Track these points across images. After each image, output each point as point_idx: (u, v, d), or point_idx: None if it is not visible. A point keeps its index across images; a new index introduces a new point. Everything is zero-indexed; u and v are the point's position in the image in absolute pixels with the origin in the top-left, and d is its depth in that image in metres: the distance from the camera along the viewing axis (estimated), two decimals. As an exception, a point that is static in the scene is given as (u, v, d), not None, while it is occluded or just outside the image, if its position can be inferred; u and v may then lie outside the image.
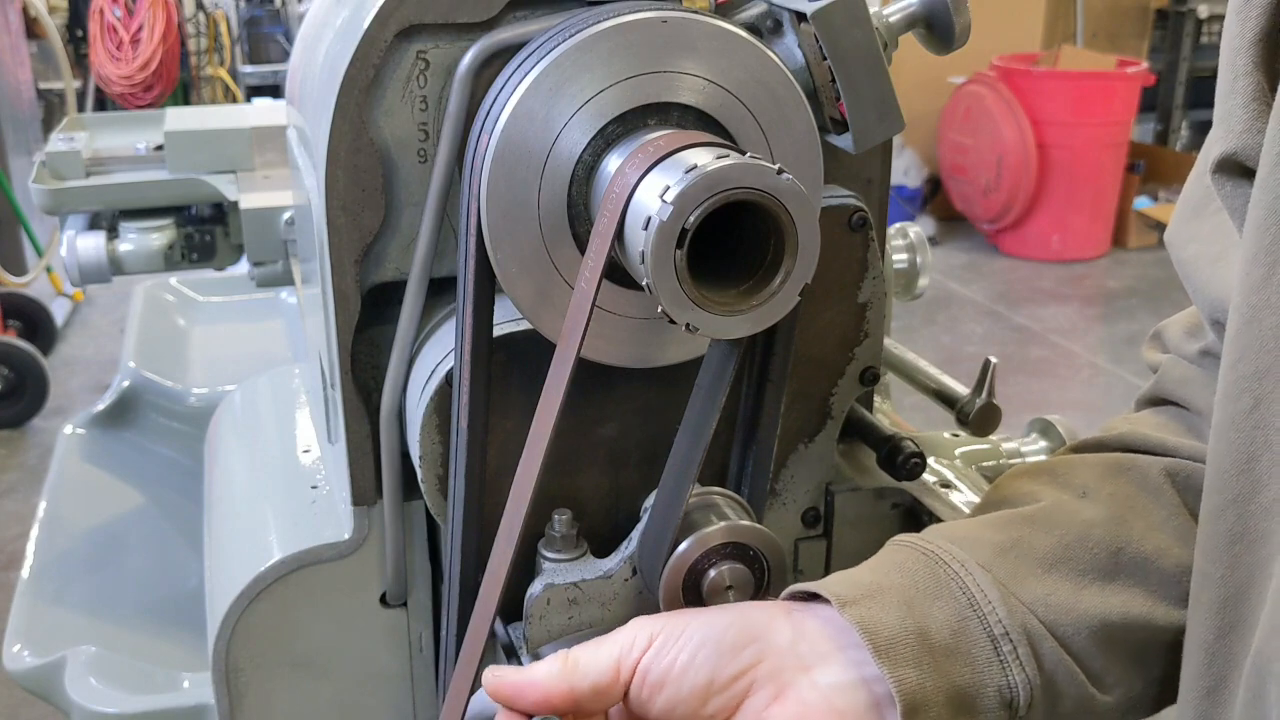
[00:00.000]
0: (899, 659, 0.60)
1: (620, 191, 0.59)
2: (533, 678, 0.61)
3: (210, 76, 6.32)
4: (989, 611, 0.63)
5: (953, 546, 0.66)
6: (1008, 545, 0.66)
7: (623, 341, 0.70)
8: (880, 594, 0.62)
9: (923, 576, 0.64)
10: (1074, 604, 0.65)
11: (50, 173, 1.52)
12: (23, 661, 1.13)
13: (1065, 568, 0.66)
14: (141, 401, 1.65)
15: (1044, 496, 0.70)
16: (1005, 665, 0.62)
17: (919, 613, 0.62)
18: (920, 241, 1.04)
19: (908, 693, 0.59)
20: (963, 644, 0.62)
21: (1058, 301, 4.90)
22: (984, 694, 0.62)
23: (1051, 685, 0.63)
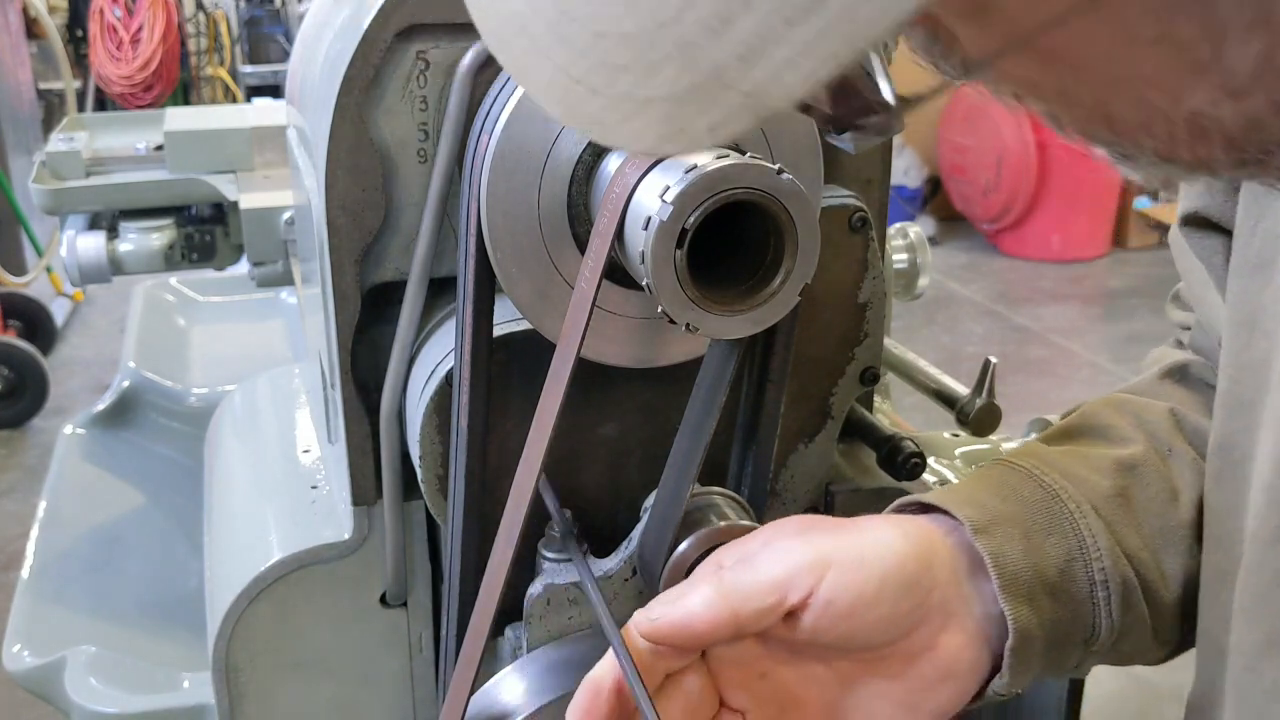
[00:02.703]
0: (1017, 594, 0.60)
1: (620, 191, 0.59)
2: (692, 610, 0.56)
3: (210, 76, 6.32)
4: (1095, 557, 0.63)
5: (1068, 484, 0.66)
6: (1114, 493, 0.67)
7: (623, 341, 0.70)
8: (1003, 523, 0.62)
9: (1039, 509, 0.64)
10: (1159, 560, 0.66)
11: (50, 173, 1.52)
12: (23, 661, 1.13)
13: (1157, 524, 0.67)
14: (141, 401, 1.65)
15: (1136, 441, 0.70)
16: (1097, 609, 0.63)
17: (1035, 547, 0.62)
18: (920, 241, 1.04)
19: (1020, 629, 0.59)
20: (1065, 583, 0.62)
21: (1058, 301, 4.90)
22: (1074, 632, 0.63)
23: (1124, 632, 0.64)
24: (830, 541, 0.59)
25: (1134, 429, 0.71)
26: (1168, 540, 0.67)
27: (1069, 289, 5.05)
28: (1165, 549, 0.67)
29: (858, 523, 0.61)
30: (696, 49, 0.29)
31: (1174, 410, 0.73)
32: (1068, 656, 0.64)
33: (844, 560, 0.58)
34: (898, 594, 0.58)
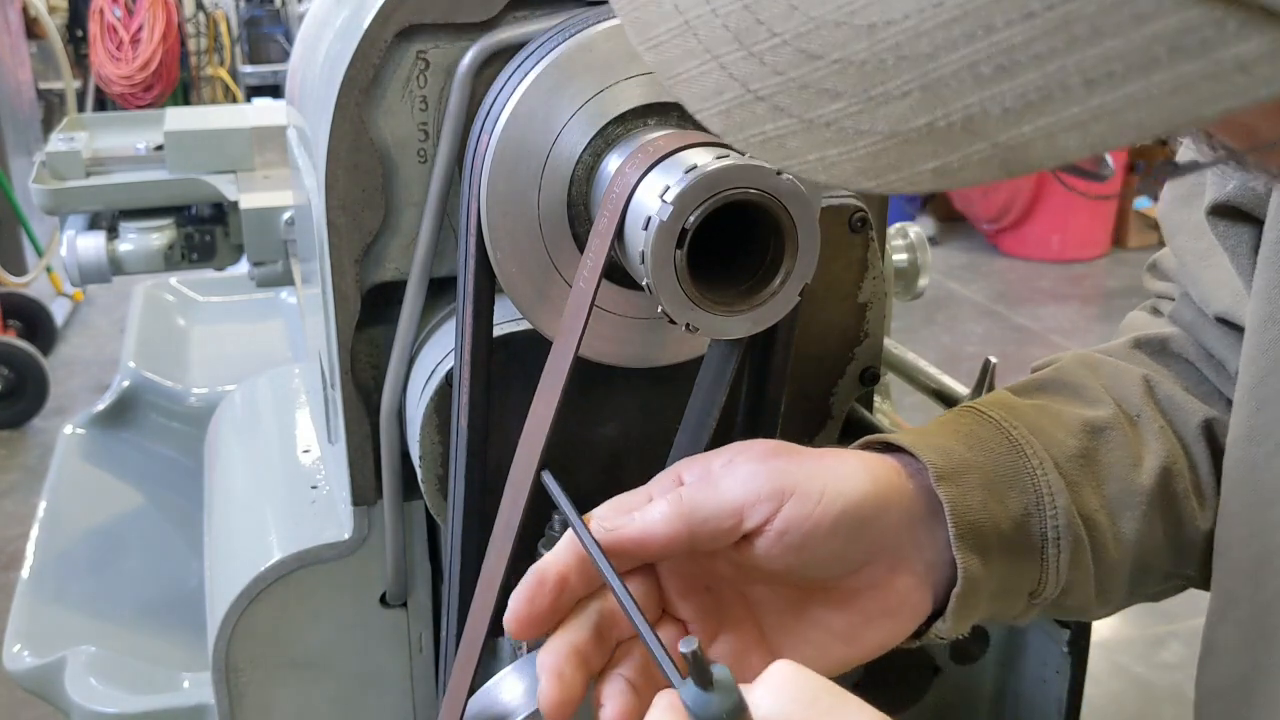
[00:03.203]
0: (971, 545, 0.60)
1: (620, 191, 0.59)
2: (649, 527, 0.56)
3: (210, 76, 6.32)
4: (1050, 514, 0.63)
5: (1034, 439, 0.66)
6: (1078, 453, 0.67)
7: (623, 341, 0.70)
8: (967, 472, 0.62)
9: (1003, 462, 0.64)
10: (1114, 522, 0.66)
11: (50, 173, 1.52)
12: (23, 661, 1.13)
13: (1117, 486, 0.67)
14: (141, 401, 1.65)
15: (1106, 404, 0.70)
16: (1045, 565, 0.63)
17: (995, 498, 0.62)
18: (920, 241, 1.04)
19: (969, 577, 0.60)
20: (1019, 537, 0.63)
21: (1057, 301, 4.90)
22: (1021, 584, 0.63)
23: (1069, 588, 0.65)
24: (794, 470, 0.58)
25: (1105, 391, 0.71)
26: (1126, 504, 0.67)
27: (1069, 289, 5.05)
28: (1122, 512, 0.67)
29: (823, 453, 0.60)
30: (949, 91, 0.27)
31: (1147, 377, 0.73)
32: (1011, 606, 0.64)
33: (805, 492, 0.57)
34: (851, 532, 0.58)
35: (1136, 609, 0.78)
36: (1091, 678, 0.87)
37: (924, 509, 0.61)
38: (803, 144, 0.31)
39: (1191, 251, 0.74)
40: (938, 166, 0.30)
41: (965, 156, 0.29)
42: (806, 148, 0.31)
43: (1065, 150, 0.28)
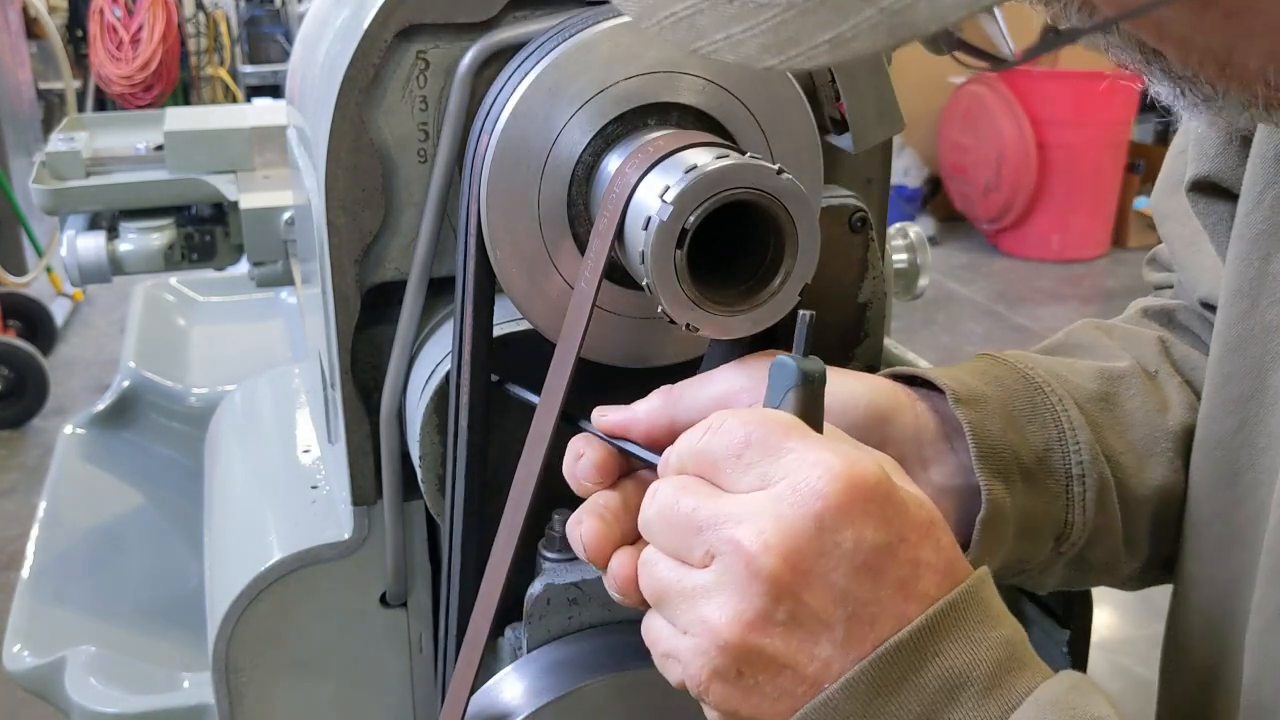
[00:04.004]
0: (995, 470, 0.60)
1: (620, 191, 0.59)
2: (636, 414, 0.60)
3: (210, 76, 6.32)
4: (1074, 449, 0.63)
5: (1052, 379, 0.66)
6: (1098, 396, 0.67)
7: (623, 341, 0.70)
8: (985, 401, 0.62)
9: (1021, 396, 0.64)
10: (1140, 467, 0.66)
11: (50, 173, 1.52)
12: (23, 661, 1.13)
13: (1140, 432, 0.67)
14: (141, 401, 1.65)
15: (1123, 359, 0.70)
16: (1071, 504, 0.63)
17: (1015, 428, 0.62)
18: (920, 241, 1.04)
19: (994, 504, 0.60)
20: (1042, 472, 0.63)
21: (1057, 301, 4.90)
22: (1045, 522, 0.63)
23: (1097, 534, 0.65)
24: None
25: (1121, 349, 0.72)
26: (1151, 449, 0.67)
27: (1069, 289, 5.05)
28: (1149, 457, 0.67)
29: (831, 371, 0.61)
30: None
31: (1162, 338, 0.74)
32: (1037, 550, 0.64)
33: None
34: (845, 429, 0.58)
35: (1136, 608, 0.78)
36: (1092, 678, 0.87)
37: (935, 428, 0.61)
38: (710, 22, 0.33)
39: (1178, 238, 0.74)
40: (833, 37, 0.31)
41: (856, 25, 0.30)
42: (714, 26, 0.33)
43: (945, 10, 0.29)
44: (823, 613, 0.48)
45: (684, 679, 0.50)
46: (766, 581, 0.47)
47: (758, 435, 0.50)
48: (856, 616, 0.48)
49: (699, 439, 0.52)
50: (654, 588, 0.52)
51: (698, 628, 0.49)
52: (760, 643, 0.48)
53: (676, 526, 0.51)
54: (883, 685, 0.47)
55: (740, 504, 0.49)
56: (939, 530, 0.50)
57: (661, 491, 0.52)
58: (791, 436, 0.50)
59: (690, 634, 0.50)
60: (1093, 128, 5.17)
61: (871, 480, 0.49)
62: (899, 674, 0.47)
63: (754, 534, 0.48)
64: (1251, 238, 0.60)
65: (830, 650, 0.48)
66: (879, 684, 0.47)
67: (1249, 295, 0.60)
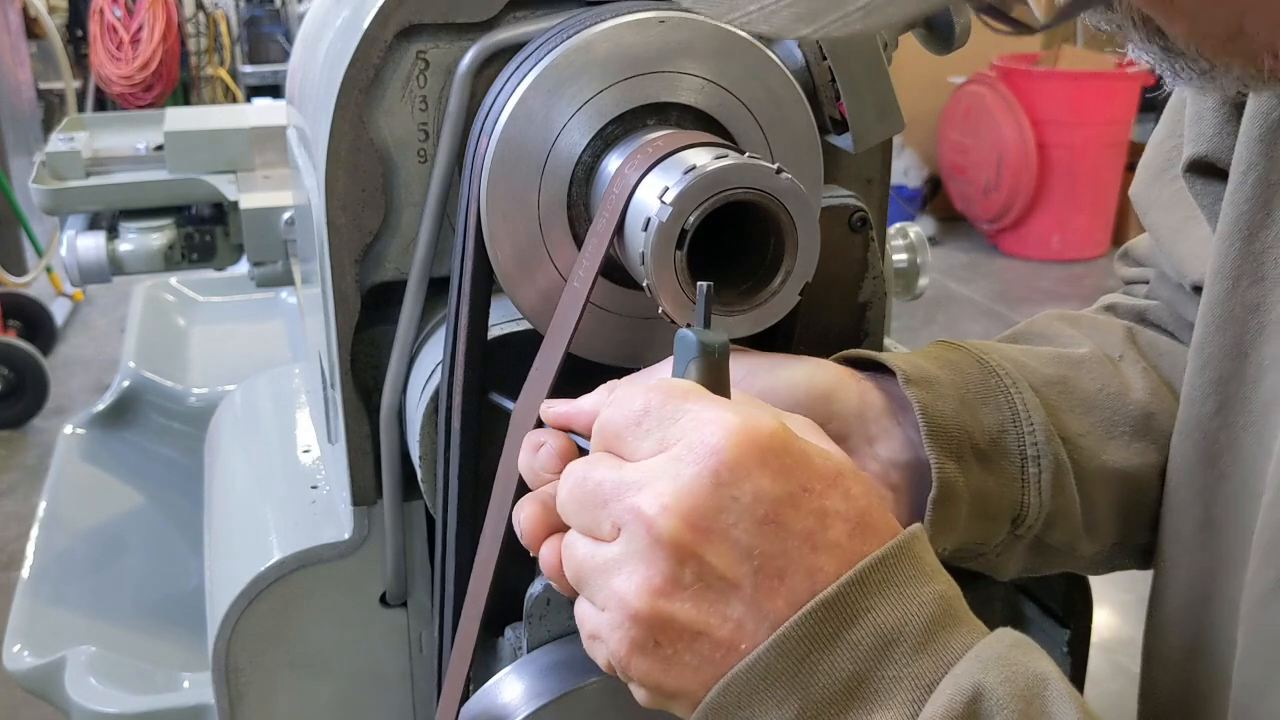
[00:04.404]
0: (946, 449, 0.60)
1: (620, 192, 0.59)
2: (581, 406, 0.59)
3: (210, 76, 6.32)
4: (1028, 431, 0.64)
5: (1006, 362, 0.66)
6: (1055, 380, 0.67)
7: (623, 341, 0.70)
8: (938, 383, 0.62)
9: (975, 379, 0.64)
10: (1100, 450, 0.66)
11: (50, 173, 1.52)
12: (23, 661, 1.13)
13: (1100, 414, 0.67)
14: (141, 401, 1.65)
15: (1084, 345, 0.71)
16: (1026, 485, 0.63)
17: (968, 410, 0.63)
18: (920, 241, 1.04)
19: (945, 483, 0.60)
20: (996, 453, 0.63)
21: (1058, 301, 4.90)
22: (1001, 505, 0.63)
23: (1054, 517, 0.65)
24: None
25: (1083, 337, 0.72)
26: (1110, 431, 0.67)
27: (1069, 289, 5.05)
28: (1108, 439, 0.67)
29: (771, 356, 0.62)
30: None
31: (1129, 327, 0.74)
32: (993, 532, 0.64)
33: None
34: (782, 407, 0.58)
35: (1136, 608, 0.78)
36: (1091, 678, 0.87)
37: (881, 405, 0.61)
38: None
39: (1166, 225, 0.74)
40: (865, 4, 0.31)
41: None
42: None
43: None
44: (729, 571, 0.47)
45: (608, 658, 0.50)
46: (668, 545, 0.47)
47: (655, 401, 0.50)
48: (763, 571, 0.47)
49: (602, 412, 0.53)
50: (573, 568, 0.52)
51: (612, 602, 0.49)
52: (671, 609, 0.47)
53: (586, 503, 0.51)
54: (814, 642, 0.46)
55: (640, 470, 0.49)
56: (848, 480, 0.49)
57: (572, 470, 0.52)
58: (689, 399, 0.50)
59: (607, 609, 0.49)
60: (1093, 128, 5.17)
61: (766, 432, 0.48)
62: (830, 630, 0.46)
63: (652, 498, 0.48)
64: (1234, 218, 0.60)
65: (741, 609, 0.47)
66: (810, 641, 0.46)
67: (1230, 275, 0.60)
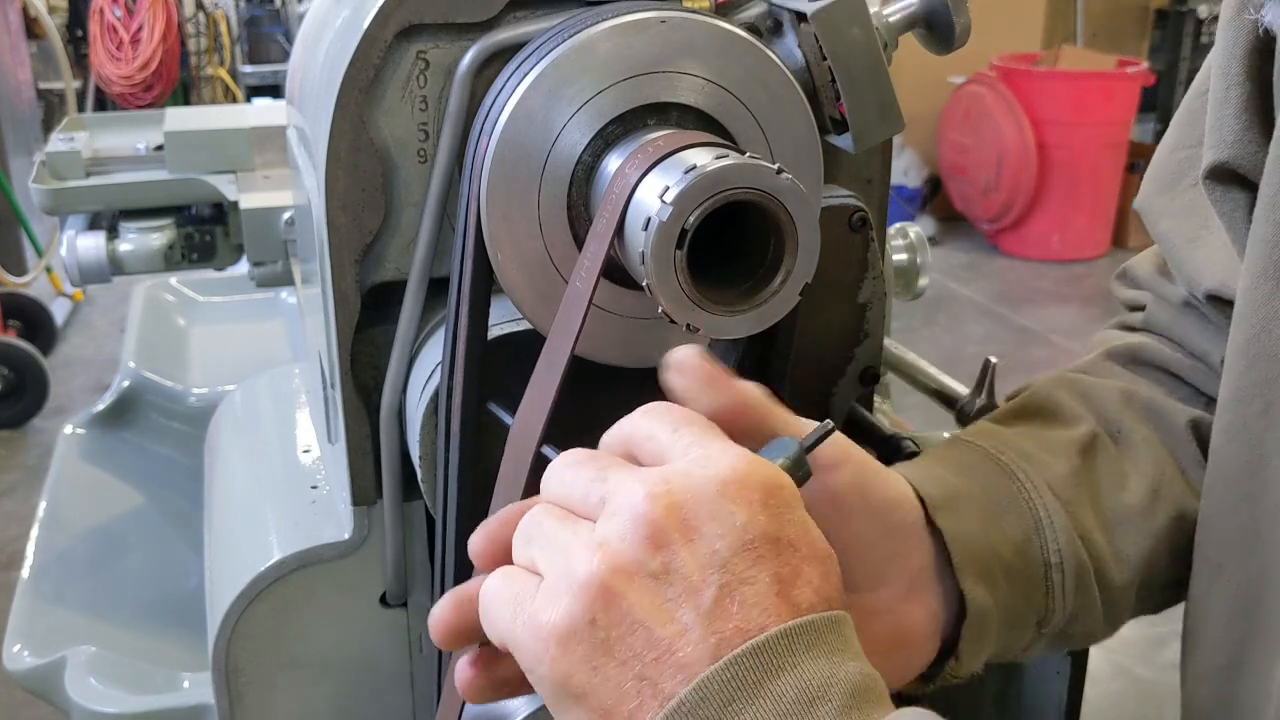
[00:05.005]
0: (976, 575, 0.61)
1: (620, 192, 0.59)
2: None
3: (210, 76, 6.32)
4: (1050, 538, 0.64)
5: (1025, 464, 0.66)
6: (1070, 474, 0.67)
7: (623, 341, 0.70)
8: (961, 500, 0.62)
9: (996, 487, 0.64)
10: (1115, 541, 0.67)
11: (50, 173, 1.52)
12: (23, 661, 1.13)
13: (1112, 504, 0.68)
14: (141, 401, 1.65)
15: (1086, 420, 0.71)
16: (1050, 592, 0.64)
17: (993, 524, 0.63)
18: (920, 241, 1.04)
19: (977, 608, 0.60)
20: (1021, 564, 0.63)
21: (1058, 302, 4.90)
22: (1027, 614, 0.63)
23: (1076, 613, 0.65)
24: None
25: (1084, 408, 0.72)
26: (1120, 521, 0.67)
27: (1069, 289, 5.05)
28: (1119, 530, 0.67)
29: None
30: None
31: (1124, 390, 0.73)
32: (1020, 638, 0.64)
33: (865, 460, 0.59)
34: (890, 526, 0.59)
35: (1137, 609, 0.78)
36: (1091, 678, 0.87)
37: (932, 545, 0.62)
38: None
39: (1178, 234, 0.74)
40: None
41: None
42: None
43: None
44: (695, 575, 0.46)
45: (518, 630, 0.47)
46: (649, 526, 0.46)
47: (700, 422, 0.51)
48: (727, 590, 0.46)
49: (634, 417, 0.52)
50: (531, 527, 0.50)
51: (561, 567, 0.47)
52: (624, 589, 0.46)
53: (584, 470, 0.50)
54: (739, 688, 0.44)
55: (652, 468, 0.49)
56: (831, 565, 0.49)
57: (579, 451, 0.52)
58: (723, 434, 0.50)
59: (550, 574, 0.47)
60: (1093, 128, 5.17)
61: (782, 483, 0.48)
62: (755, 679, 0.45)
63: (656, 479, 0.47)
64: (1276, 220, 0.59)
65: (692, 618, 0.45)
66: (735, 686, 0.44)
67: (1274, 276, 0.60)
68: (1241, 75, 0.63)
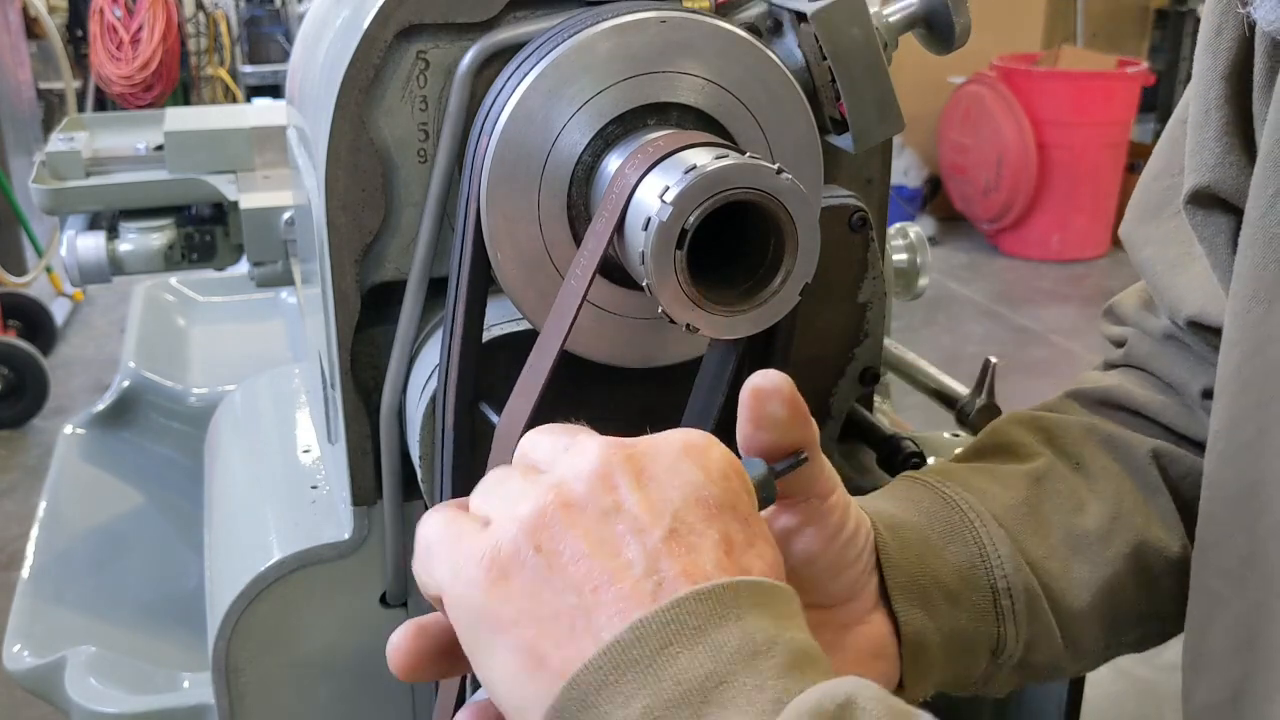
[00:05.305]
0: (912, 600, 0.61)
1: (620, 191, 0.59)
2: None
3: (210, 76, 6.32)
4: (996, 565, 0.64)
5: (969, 495, 0.66)
6: (1018, 503, 0.67)
7: (623, 341, 0.70)
8: (902, 530, 0.63)
9: (938, 519, 0.65)
10: (1067, 568, 0.67)
11: (50, 173, 1.52)
12: (23, 661, 1.13)
13: (1065, 531, 0.68)
14: (141, 401, 1.65)
15: (1042, 454, 0.71)
16: (1001, 618, 0.64)
17: (933, 555, 0.63)
18: (920, 241, 1.04)
19: (912, 634, 0.60)
20: (966, 591, 0.63)
21: (1058, 301, 4.90)
22: (977, 641, 0.63)
23: (1033, 642, 0.65)
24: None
25: (1041, 444, 0.72)
26: (1074, 550, 0.67)
27: (1069, 289, 5.05)
28: (1074, 556, 0.67)
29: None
30: None
31: (1084, 423, 0.73)
32: (972, 666, 0.64)
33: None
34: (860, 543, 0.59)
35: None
36: (1091, 678, 0.87)
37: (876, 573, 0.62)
38: None
39: (1162, 260, 0.74)
40: None
41: None
42: None
43: None
44: (645, 515, 0.45)
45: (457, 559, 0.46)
46: (602, 468, 0.46)
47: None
48: (676, 535, 0.45)
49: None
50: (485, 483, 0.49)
51: (510, 507, 0.46)
52: (571, 521, 0.45)
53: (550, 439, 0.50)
54: (679, 632, 0.43)
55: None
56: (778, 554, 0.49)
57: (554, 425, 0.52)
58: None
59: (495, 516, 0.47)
60: (1093, 128, 5.16)
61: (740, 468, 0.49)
62: (696, 624, 0.43)
63: (619, 439, 0.47)
64: (1264, 242, 0.59)
65: (637, 553, 0.44)
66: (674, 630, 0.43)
67: (1265, 299, 0.59)
68: (1221, 99, 0.64)
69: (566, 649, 0.43)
